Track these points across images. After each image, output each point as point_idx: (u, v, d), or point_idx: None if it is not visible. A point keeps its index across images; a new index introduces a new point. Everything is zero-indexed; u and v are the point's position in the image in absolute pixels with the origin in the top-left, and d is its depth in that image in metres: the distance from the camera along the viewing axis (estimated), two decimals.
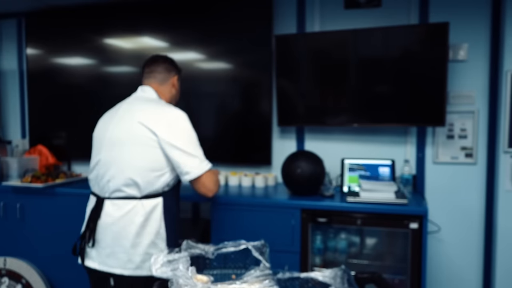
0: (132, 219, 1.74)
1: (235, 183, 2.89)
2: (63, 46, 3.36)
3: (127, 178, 1.73)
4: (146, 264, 1.73)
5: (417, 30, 2.58)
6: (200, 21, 3.01)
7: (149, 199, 1.77)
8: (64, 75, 3.37)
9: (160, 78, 1.97)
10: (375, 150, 2.80)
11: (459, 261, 2.72)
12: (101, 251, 1.77)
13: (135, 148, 1.74)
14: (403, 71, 2.59)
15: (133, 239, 1.74)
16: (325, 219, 2.33)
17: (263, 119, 2.94)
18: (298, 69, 2.77)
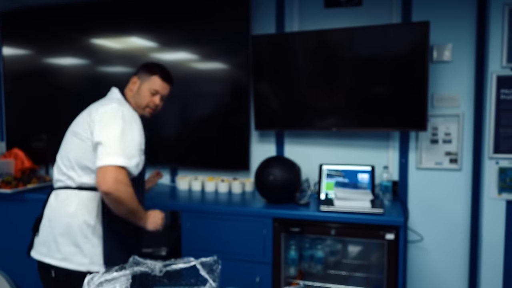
0: (65, 208, 1.71)
1: (212, 189, 2.79)
2: (44, 46, 3.27)
3: (64, 169, 1.75)
4: (76, 257, 1.68)
5: (397, 29, 2.46)
6: (179, 21, 2.92)
7: (85, 190, 1.72)
8: (45, 76, 3.29)
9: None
10: (357, 155, 2.68)
11: (443, 271, 2.60)
12: (38, 240, 1.79)
13: (73, 140, 1.75)
14: (384, 73, 2.48)
15: (63, 228, 1.70)
16: (298, 229, 2.23)
17: (241, 122, 2.83)
18: (274, 71, 2.66)
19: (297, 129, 2.73)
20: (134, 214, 1.69)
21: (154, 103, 1.86)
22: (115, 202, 1.60)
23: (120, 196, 1.59)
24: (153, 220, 1.78)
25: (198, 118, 2.96)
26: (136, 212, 1.69)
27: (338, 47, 2.55)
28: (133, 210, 1.66)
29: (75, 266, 1.67)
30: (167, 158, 3.04)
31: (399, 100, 2.45)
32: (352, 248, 2.61)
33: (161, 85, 1.87)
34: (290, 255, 2.36)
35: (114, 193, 1.58)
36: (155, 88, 1.85)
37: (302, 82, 2.63)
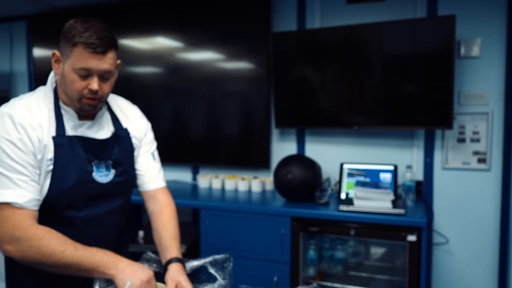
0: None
1: (232, 187, 2.79)
2: None
3: None
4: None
5: (422, 24, 2.37)
6: (202, 19, 2.93)
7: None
8: None
9: None
10: (379, 154, 2.62)
11: (471, 275, 2.50)
12: None
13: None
14: (409, 69, 2.40)
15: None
16: (317, 229, 2.19)
17: (262, 120, 2.82)
18: (295, 68, 2.63)
19: (318, 127, 2.68)
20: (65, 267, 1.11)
21: (89, 90, 1.17)
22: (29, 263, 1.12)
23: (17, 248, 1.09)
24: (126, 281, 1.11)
25: (219, 117, 2.96)
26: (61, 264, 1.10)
27: (363, 42, 2.48)
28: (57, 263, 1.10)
29: None
30: (189, 156, 3.06)
31: (424, 97, 2.37)
32: (374, 249, 2.55)
33: (91, 60, 1.14)
34: (309, 255, 2.32)
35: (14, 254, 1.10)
36: (83, 66, 1.14)
37: (324, 79, 2.58)
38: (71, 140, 1.22)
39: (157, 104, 3.10)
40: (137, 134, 1.43)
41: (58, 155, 1.19)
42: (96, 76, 1.17)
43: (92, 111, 1.26)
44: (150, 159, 1.48)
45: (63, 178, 1.19)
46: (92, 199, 1.26)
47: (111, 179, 1.29)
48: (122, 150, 1.34)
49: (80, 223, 1.24)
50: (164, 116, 3.10)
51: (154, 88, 3.10)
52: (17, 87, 3.64)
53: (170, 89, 3.05)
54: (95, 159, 1.26)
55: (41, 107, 1.22)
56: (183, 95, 3.02)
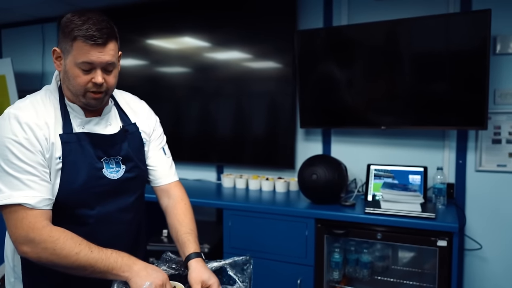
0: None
1: (256, 188, 2.76)
2: None
3: None
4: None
5: (455, 19, 2.27)
6: (228, 18, 2.91)
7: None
8: None
9: None
10: (408, 155, 2.53)
11: (506, 283, 2.37)
12: None
13: None
14: (441, 66, 2.30)
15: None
16: (342, 231, 2.13)
17: (287, 120, 2.77)
18: (320, 67, 2.57)
19: (344, 127, 2.61)
20: (82, 269, 1.10)
21: (94, 84, 1.16)
22: (45, 264, 1.11)
23: (31, 244, 1.09)
24: (140, 283, 1.09)
25: (244, 116, 2.94)
26: (79, 267, 1.09)
27: (392, 39, 2.39)
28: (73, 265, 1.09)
29: None
30: (214, 156, 3.05)
31: (456, 96, 2.26)
32: (402, 253, 2.46)
33: (93, 53, 1.13)
34: (334, 258, 2.27)
35: (26, 241, 1.10)
36: (84, 60, 1.13)
37: (351, 78, 2.51)
38: (78, 137, 1.20)
39: (183, 104, 3.11)
40: (146, 129, 1.41)
41: (66, 153, 1.17)
42: (99, 69, 1.15)
43: (98, 105, 1.23)
44: (161, 153, 1.46)
45: (73, 176, 1.18)
46: (104, 196, 1.24)
47: (122, 175, 1.27)
48: (131, 145, 1.32)
49: (93, 221, 1.23)
50: (191, 116, 3.10)
51: (181, 88, 3.11)
52: None
53: (197, 88, 3.05)
54: (104, 155, 1.24)
55: (47, 105, 1.20)
56: (209, 94, 3.02)
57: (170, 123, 3.13)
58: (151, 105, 1.55)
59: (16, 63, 3.55)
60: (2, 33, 3.93)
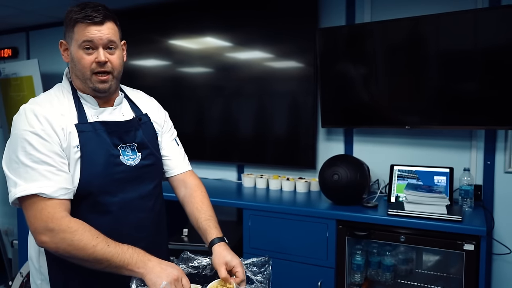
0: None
1: (276, 187, 2.73)
2: None
3: None
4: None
5: (484, 15, 2.18)
6: (250, 18, 2.90)
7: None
8: (127, 77, 3.46)
9: None
10: (433, 156, 2.45)
11: None
12: None
13: None
14: (470, 65, 2.21)
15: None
16: (364, 233, 2.08)
17: (308, 119, 2.74)
18: (343, 65, 2.52)
19: (366, 126, 2.56)
20: (100, 262, 1.11)
21: (98, 63, 1.21)
22: (62, 255, 1.13)
23: (53, 234, 1.10)
24: (156, 280, 1.09)
25: (265, 116, 2.92)
26: (96, 261, 1.10)
27: (417, 36, 2.32)
28: (89, 258, 1.11)
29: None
30: (235, 155, 3.04)
31: (485, 94, 2.18)
32: (427, 257, 2.39)
33: (91, 31, 1.19)
34: (355, 260, 2.22)
35: (52, 246, 1.11)
36: (84, 39, 1.19)
37: (374, 76, 2.46)
38: (94, 126, 1.24)
39: (205, 104, 3.11)
40: (158, 120, 1.45)
41: (83, 141, 1.20)
42: (101, 47, 1.21)
43: (106, 89, 1.26)
44: (174, 144, 1.50)
45: (92, 163, 1.21)
46: (123, 182, 1.27)
47: (138, 161, 1.31)
48: (145, 133, 1.36)
49: (116, 208, 1.25)
50: (212, 116, 3.10)
51: (203, 88, 3.10)
52: None
53: (218, 88, 3.05)
54: (120, 142, 1.28)
55: (61, 99, 1.26)
56: (230, 94, 3.01)
57: (192, 123, 3.14)
58: (174, 105, 1.56)
59: (43, 64, 3.63)
60: (29, 34, 4.03)
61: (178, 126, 1.65)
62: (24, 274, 3.00)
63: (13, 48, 4.06)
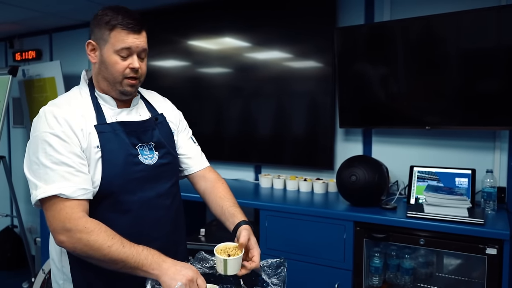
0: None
1: (294, 188, 2.72)
2: None
3: None
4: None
5: (507, 12, 2.11)
6: (268, 17, 2.89)
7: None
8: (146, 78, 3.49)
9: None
10: (454, 157, 2.40)
11: None
12: None
13: None
14: (491, 63, 2.15)
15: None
16: (382, 235, 2.05)
17: (327, 120, 2.71)
18: (361, 64, 2.49)
19: (385, 127, 2.52)
20: (115, 263, 1.12)
21: (131, 68, 1.25)
22: (84, 255, 1.14)
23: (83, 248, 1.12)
24: (171, 281, 1.09)
25: (282, 116, 2.91)
26: (113, 261, 1.12)
27: (438, 35, 2.26)
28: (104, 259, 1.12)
29: None
30: (253, 155, 3.04)
31: (509, 94, 2.11)
32: (448, 260, 2.33)
33: (130, 39, 1.23)
34: (373, 262, 2.18)
35: (64, 231, 1.13)
36: (123, 46, 1.22)
37: (394, 75, 2.42)
38: (112, 126, 1.27)
39: (223, 104, 3.12)
40: (173, 119, 1.48)
41: (103, 142, 1.23)
42: (135, 54, 1.26)
43: (133, 92, 1.31)
44: (191, 142, 1.54)
45: (113, 163, 1.23)
46: (142, 181, 1.29)
47: (156, 160, 1.33)
48: (162, 133, 1.38)
49: (136, 207, 1.28)
50: (230, 116, 3.11)
51: (221, 88, 3.11)
52: None
53: (236, 88, 3.06)
54: (138, 142, 1.30)
55: (80, 100, 1.29)
56: (248, 94, 3.02)
57: (210, 123, 3.15)
58: (192, 105, 1.58)
59: (65, 66, 3.71)
60: (52, 36, 4.13)
61: (196, 126, 1.65)
62: (46, 271, 3.07)
63: (37, 50, 4.16)
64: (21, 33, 4.24)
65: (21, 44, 4.31)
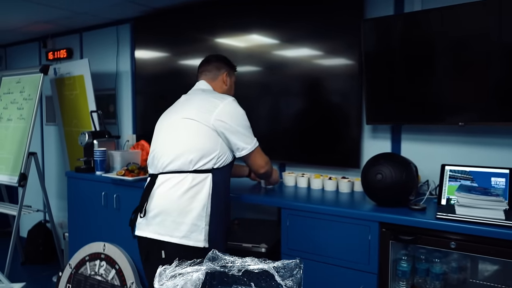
0: (182, 190, 1.88)
1: (318, 187, 2.63)
2: (171, 47, 3.49)
3: (180, 154, 1.91)
4: (193, 234, 1.88)
5: None
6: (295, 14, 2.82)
7: (199, 173, 1.90)
8: (171, 75, 3.50)
9: (210, 76, 2.19)
10: (490, 155, 2.24)
11: None
12: (151, 221, 1.93)
13: (191, 129, 1.94)
14: None
15: (181, 209, 1.88)
16: (410, 237, 1.93)
17: (353, 116, 2.61)
18: (389, 57, 2.37)
19: (414, 123, 2.39)
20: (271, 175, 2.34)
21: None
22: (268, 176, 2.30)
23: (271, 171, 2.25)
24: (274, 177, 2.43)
25: (307, 113, 2.82)
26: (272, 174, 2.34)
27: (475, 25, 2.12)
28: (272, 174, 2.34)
29: (194, 242, 1.88)
30: (277, 153, 2.96)
31: None
32: (484, 266, 2.18)
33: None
34: (400, 266, 2.07)
35: (268, 168, 2.17)
36: (236, 81, 2.29)
37: (424, 69, 2.28)
38: None
39: (251, 102, 3.07)
40: None
41: None
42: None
43: None
44: None
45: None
46: None
47: None
48: None
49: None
50: (256, 114, 3.04)
51: (248, 86, 3.05)
52: (122, 85, 3.92)
53: (263, 85, 3.00)
54: None
55: None
56: (273, 92, 2.96)
57: None
58: None
59: (95, 64, 3.77)
60: (83, 35, 4.21)
61: None
62: (73, 266, 3.12)
63: (68, 49, 4.27)
64: (53, 32, 4.36)
65: (54, 44, 4.43)
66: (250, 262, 1.34)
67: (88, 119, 3.56)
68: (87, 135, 3.25)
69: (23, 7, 3.43)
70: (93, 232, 3.14)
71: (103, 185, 3.07)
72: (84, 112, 3.73)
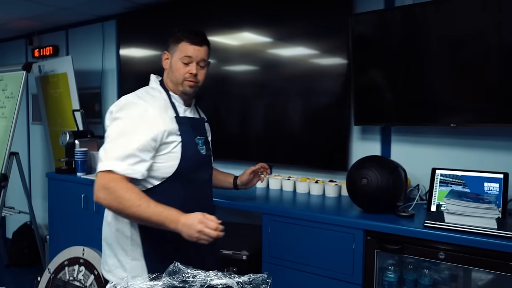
0: (106, 216, 1.66)
1: (304, 191, 2.50)
2: (157, 45, 3.37)
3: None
4: (117, 271, 1.60)
5: None
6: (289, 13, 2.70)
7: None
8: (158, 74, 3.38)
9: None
10: (483, 159, 2.11)
11: None
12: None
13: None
14: None
15: (105, 238, 1.67)
16: (396, 247, 1.81)
17: (340, 117, 2.48)
18: (379, 55, 2.24)
19: (405, 124, 2.26)
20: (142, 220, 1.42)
21: (190, 73, 1.59)
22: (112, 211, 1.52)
23: (106, 203, 1.42)
24: (187, 227, 1.35)
25: (292, 114, 2.70)
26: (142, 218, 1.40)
27: (470, 20, 1.99)
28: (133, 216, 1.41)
29: (117, 280, 1.56)
30: (262, 154, 2.84)
31: None
32: (476, 275, 2.05)
33: (192, 49, 1.59)
34: (387, 276, 1.94)
35: (101, 202, 1.42)
36: (186, 55, 1.58)
37: (414, 67, 2.16)
38: (187, 120, 1.64)
39: (238, 102, 2.96)
40: (207, 127, 1.86)
41: (182, 131, 1.58)
42: (195, 63, 1.60)
43: (191, 93, 1.65)
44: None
45: (188, 148, 1.58)
46: (200, 166, 1.67)
47: (206, 152, 1.68)
48: (207, 132, 1.82)
49: (196, 186, 1.65)
50: (244, 114, 2.93)
51: (244, 86, 2.95)
52: (107, 84, 3.80)
53: (259, 86, 2.88)
54: (197, 135, 1.65)
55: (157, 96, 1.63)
56: (258, 92, 2.84)
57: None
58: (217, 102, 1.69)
59: (81, 61, 3.66)
60: (69, 32, 4.10)
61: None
62: (52, 270, 3.00)
63: (54, 46, 4.15)
64: (39, 29, 4.25)
65: (40, 41, 4.32)
66: (213, 277, 1.22)
67: (72, 118, 3.45)
68: (68, 134, 3.14)
69: (4, 2, 3.31)
70: (73, 235, 3.02)
71: (83, 187, 2.96)
72: (68, 111, 3.61)
